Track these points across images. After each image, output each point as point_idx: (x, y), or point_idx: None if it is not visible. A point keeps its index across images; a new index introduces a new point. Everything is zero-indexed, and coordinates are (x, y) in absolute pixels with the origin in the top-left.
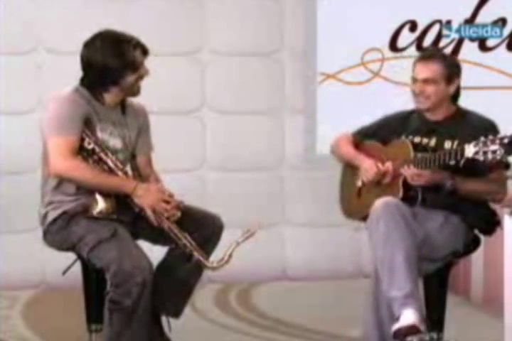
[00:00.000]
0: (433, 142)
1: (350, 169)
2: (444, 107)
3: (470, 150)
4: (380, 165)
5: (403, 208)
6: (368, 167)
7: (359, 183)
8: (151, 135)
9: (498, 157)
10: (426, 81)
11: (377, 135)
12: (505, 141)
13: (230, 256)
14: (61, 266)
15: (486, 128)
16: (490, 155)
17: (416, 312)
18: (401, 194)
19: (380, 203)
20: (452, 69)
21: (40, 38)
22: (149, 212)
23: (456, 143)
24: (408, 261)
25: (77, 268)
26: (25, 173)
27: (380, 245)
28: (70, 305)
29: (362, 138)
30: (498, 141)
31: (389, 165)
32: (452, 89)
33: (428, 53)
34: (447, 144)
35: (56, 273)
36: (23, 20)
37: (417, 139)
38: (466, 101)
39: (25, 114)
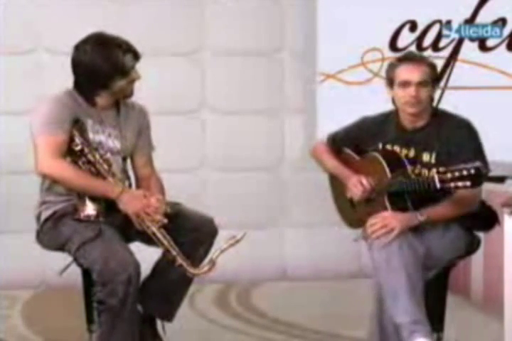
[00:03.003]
0: (412, 153)
1: (336, 179)
2: (426, 113)
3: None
4: (364, 181)
5: None
6: (353, 186)
7: (349, 194)
8: (151, 135)
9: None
10: (420, 84)
11: (354, 143)
12: (472, 171)
13: (214, 263)
14: (61, 266)
15: (462, 135)
16: (460, 184)
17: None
18: (389, 209)
19: None
20: (437, 73)
21: (40, 38)
22: (133, 218)
23: (433, 155)
24: (411, 286)
25: (77, 268)
26: (25, 173)
27: (381, 271)
28: (70, 305)
29: (339, 146)
30: (465, 172)
31: (371, 182)
32: (434, 93)
33: (414, 55)
34: (425, 157)
35: (56, 273)
36: (23, 20)
37: (396, 148)
38: (467, 102)
39: (25, 113)
